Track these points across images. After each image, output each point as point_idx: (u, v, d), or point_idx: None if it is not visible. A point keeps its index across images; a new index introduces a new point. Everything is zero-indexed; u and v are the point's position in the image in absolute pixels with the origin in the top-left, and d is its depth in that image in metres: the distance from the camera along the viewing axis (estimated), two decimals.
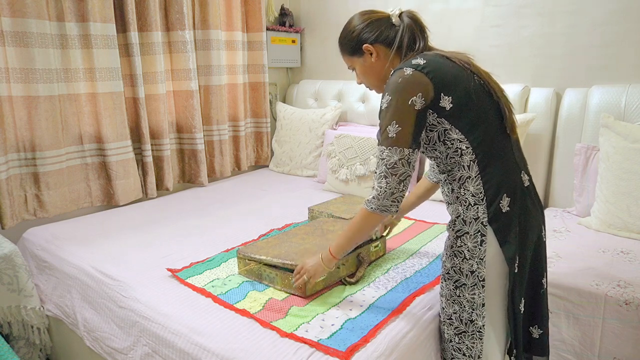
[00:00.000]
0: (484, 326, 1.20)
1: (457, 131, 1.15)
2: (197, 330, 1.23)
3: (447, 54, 1.21)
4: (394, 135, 1.13)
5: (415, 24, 1.24)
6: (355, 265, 1.53)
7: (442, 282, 1.27)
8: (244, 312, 1.29)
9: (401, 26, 1.23)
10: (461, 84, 1.15)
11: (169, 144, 2.52)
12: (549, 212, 2.16)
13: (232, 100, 2.89)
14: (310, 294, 1.38)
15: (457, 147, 1.16)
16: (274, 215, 2.14)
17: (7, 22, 1.85)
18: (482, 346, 1.22)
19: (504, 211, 1.15)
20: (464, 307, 1.21)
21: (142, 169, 2.41)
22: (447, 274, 1.24)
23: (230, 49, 2.81)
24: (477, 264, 1.17)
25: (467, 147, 1.15)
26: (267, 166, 3.19)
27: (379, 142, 1.17)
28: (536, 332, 1.30)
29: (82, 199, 2.21)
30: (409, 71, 1.13)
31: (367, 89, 1.37)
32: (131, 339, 1.39)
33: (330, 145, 2.59)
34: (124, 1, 2.19)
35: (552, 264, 1.60)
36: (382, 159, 1.15)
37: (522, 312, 1.23)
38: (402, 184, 1.15)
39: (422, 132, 1.17)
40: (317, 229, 1.70)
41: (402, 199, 1.17)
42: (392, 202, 1.15)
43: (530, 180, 1.24)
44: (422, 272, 1.54)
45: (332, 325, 1.24)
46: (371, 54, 1.26)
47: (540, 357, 1.32)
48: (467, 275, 1.19)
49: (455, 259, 1.21)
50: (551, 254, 1.68)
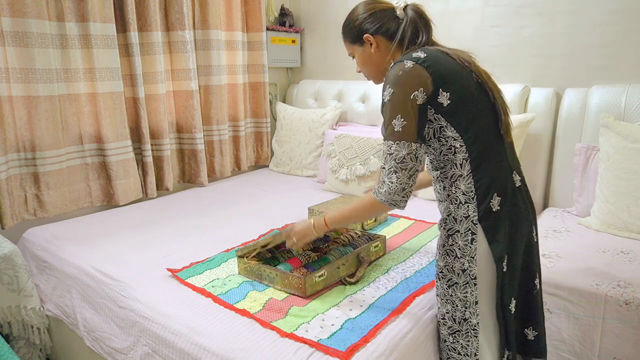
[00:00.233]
0: (478, 324, 1.20)
1: (453, 129, 1.15)
2: (197, 330, 1.23)
3: (449, 50, 1.20)
4: (400, 129, 1.12)
5: (419, 18, 1.23)
6: (355, 265, 1.53)
7: (436, 282, 1.28)
8: (244, 312, 1.29)
9: (405, 19, 1.23)
10: (459, 82, 1.15)
11: (169, 144, 2.52)
12: (549, 212, 2.16)
13: (232, 100, 2.89)
14: (310, 294, 1.38)
15: (451, 145, 1.16)
16: (274, 215, 2.14)
17: (7, 22, 1.85)
18: (477, 344, 1.22)
19: (494, 210, 1.15)
20: (457, 306, 1.21)
21: (142, 169, 2.41)
22: (441, 272, 1.24)
23: (230, 49, 2.81)
24: (469, 262, 1.17)
25: (461, 146, 1.15)
26: (267, 166, 3.18)
27: (385, 136, 1.16)
28: (531, 334, 1.29)
29: (82, 199, 2.21)
30: (409, 64, 1.13)
31: (366, 78, 1.36)
32: (131, 339, 1.39)
33: (330, 145, 2.59)
34: (124, 1, 2.19)
35: (552, 264, 1.60)
36: (390, 153, 1.14)
37: (512, 312, 1.23)
38: (412, 179, 1.14)
39: (425, 127, 1.17)
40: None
41: (411, 194, 1.17)
42: (402, 197, 1.15)
43: (522, 181, 1.24)
44: (422, 272, 1.54)
45: (332, 325, 1.24)
46: (371, 45, 1.26)
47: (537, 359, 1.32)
48: (458, 274, 1.19)
49: (447, 257, 1.21)
50: (551, 254, 1.68)
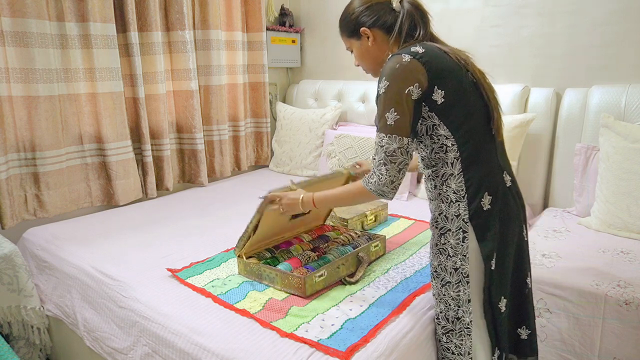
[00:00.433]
0: (471, 322, 1.21)
1: (445, 128, 1.15)
2: (197, 330, 1.23)
3: (446, 48, 1.20)
4: (392, 123, 1.12)
5: (416, 11, 1.22)
6: (355, 265, 1.53)
7: (432, 281, 1.28)
8: (244, 312, 1.29)
9: (401, 12, 1.22)
10: (455, 80, 1.15)
11: (169, 144, 2.52)
12: (549, 212, 2.16)
13: (232, 100, 2.89)
14: (310, 294, 1.38)
15: (443, 143, 1.17)
16: None
17: (7, 22, 1.85)
18: (471, 343, 1.22)
19: (485, 209, 1.16)
20: (450, 305, 1.22)
21: (142, 169, 2.41)
22: (435, 272, 1.25)
23: (230, 49, 2.81)
24: (461, 261, 1.18)
25: (453, 145, 1.16)
26: (267, 166, 3.18)
27: (378, 128, 1.16)
28: (524, 333, 1.29)
29: (82, 199, 2.21)
30: (406, 58, 1.13)
31: (364, 71, 1.36)
32: (131, 339, 1.39)
33: (330, 145, 2.59)
34: (124, 1, 2.19)
35: (552, 264, 1.60)
36: (381, 146, 1.15)
37: (502, 311, 1.23)
38: (401, 172, 1.15)
39: (418, 122, 1.17)
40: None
41: (400, 185, 1.17)
42: (391, 189, 1.16)
43: (512, 181, 1.24)
44: (422, 272, 1.54)
45: (332, 325, 1.24)
46: (368, 38, 1.25)
47: (530, 358, 1.32)
48: (451, 272, 1.20)
49: (440, 256, 1.22)
50: (551, 254, 1.68)
